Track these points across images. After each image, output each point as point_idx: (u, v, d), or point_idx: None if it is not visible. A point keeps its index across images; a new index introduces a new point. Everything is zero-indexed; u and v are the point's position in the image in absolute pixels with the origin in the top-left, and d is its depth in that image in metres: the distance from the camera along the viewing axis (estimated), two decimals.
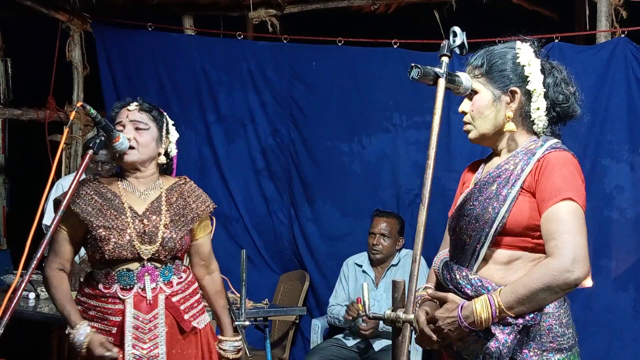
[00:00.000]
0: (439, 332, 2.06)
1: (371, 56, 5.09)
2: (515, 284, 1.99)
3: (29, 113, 5.79)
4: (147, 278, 2.67)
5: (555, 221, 1.99)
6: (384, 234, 4.58)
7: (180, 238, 2.72)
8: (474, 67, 2.18)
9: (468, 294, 2.07)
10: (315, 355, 4.43)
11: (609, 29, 4.57)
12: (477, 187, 2.16)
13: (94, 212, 2.67)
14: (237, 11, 5.53)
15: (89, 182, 2.77)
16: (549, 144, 2.11)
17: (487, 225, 2.08)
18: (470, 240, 2.11)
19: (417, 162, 4.98)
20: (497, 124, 2.15)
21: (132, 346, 2.63)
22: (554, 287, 1.95)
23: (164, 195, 2.76)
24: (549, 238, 1.99)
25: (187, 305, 2.76)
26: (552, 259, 1.97)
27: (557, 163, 2.05)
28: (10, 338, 2.24)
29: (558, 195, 2.00)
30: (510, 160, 2.13)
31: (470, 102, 2.18)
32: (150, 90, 5.37)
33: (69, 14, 5.64)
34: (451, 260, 2.19)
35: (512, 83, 2.14)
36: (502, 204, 2.06)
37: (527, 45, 2.19)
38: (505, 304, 1.97)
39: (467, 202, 2.16)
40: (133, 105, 2.75)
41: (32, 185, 3.59)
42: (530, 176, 2.07)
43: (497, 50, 2.19)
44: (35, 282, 4.49)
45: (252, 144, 5.38)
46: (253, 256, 5.28)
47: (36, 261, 2.14)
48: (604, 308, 4.35)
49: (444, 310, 2.06)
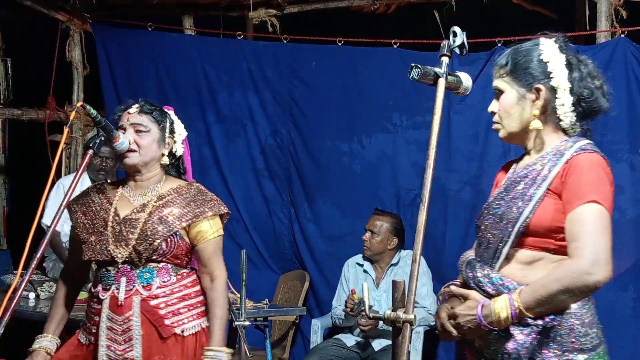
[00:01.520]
0: (459, 328, 2.08)
1: (371, 56, 5.09)
2: (534, 284, 1.99)
3: (29, 113, 5.79)
4: (123, 279, 2.65)
5: (578, 223, 1.97)
6: (372, 231, 4.58)
7: (154, 241, 2.64)
8: (500, 67, 2.18)
9: (489, 292, 2.07)
10: (315, 355, 4.43)
11: (609, 29, 4.57)
12: (505, 187, 2.16)
13: (81, 215, 2.74)
14: (237, 11, 5.53)
15: (93, 190, 2.82)
16: (578, 145, 2.08)
17: (510, 224, 2.07)
18: (494, 239, 2.11)
19: (417, 162, 4.98)
20: (524, 122, 2.14)
21: (106, 347, 2.64)
22: (573, 289, 1.94)
23: (155, 198, 2.73)
24: (572, 239, 1.98)
25: (170, 310, 2.68)
26: (572, 260, 1.96)
27: (584, 165, 2.03)
28: (10, 338, 2.24)
29: (583, 198, 1.98)
30: (538, 160, 2.12)
31: (498, 102, 2.18)
32: (150, 90, 5.37)
33: (69, 14, 5.64)
34: (475, 259, 2.19)
35: (537, 80, 2.12)
36: (526, 204, 2.06)
37: (552, 41, 2.16)
38: (525, 304, 1.97)
39: (494, 201, 2.16)
40: (134, 108, 2.75)
41: (32, 185, 3.59)
42: (557, 177, 2.05)
43: (522, 48, 2.17)
44: (35, 282, 4.50)
45: (252, 144, 5.38)
46: (253, 256, 5.28)
47: (36, 261, 2.14)
48: (604, 308, 4.33)
49: (465, 308, 2.07)
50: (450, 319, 2.10)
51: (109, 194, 2.78)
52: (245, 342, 3.61)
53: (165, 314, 2.67)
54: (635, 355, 4.30)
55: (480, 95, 4.70)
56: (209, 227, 2.76)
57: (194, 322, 2.73)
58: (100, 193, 2.79)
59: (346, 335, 4.58)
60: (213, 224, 2.78)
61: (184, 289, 2.74)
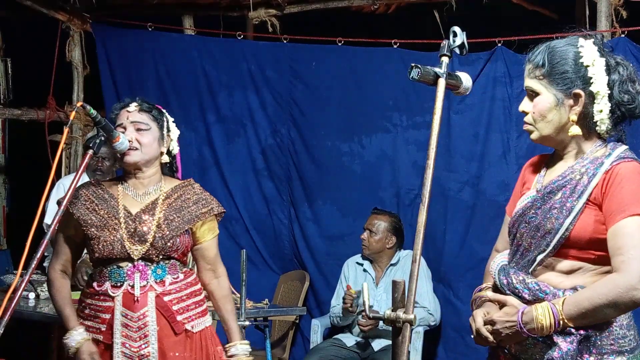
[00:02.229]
0: (496, 334, 2.05)
1: (371, 56, 5.09)
2: (579, 297, 1.96)
3: (29, 113, 5.79)
4: (137, 275, 2.66)
5: (622, 236, 1.94)
6: (371, 230, 4.59)
7: (171, 238, 2.69)
8: (535, 67, 2.09)
9: (525, 298, 2.05)
10: (315, 355, 4.43)
11: (609, 29, 4.57)
12: (541, 195, 2.10)
13: (88, 212, 2.70)
14: (237, 11, 5.53)
15: (89, 185, 2.80)
16: (616, 154, 2.03)
17: (549, 235, 2.04)
18: (532, 248, 2.08)
19: (417, 162, 4.98)
20: (560, 127, 2.08)
21: (121, 344, 2.63)
22: (620, 304, 1.92)
23: (163, 196, 2.75)
24: (617, 253, 1.94)
25: (181, 306, 2.72)
26: (618, 274, 1.93)
27: (625, 175, 1.98)
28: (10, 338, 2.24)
29: (627, 210, 1.95)
30: (576, 168, 2.07)
31: (531, 102, 2.11)
32: (150, 90, 5.37)
33: (69, 14, 5.64)
34: (509, 264, 2.16)
35: (576, 86, 2.05)
36: (566, 216, 2.02)
37: (591, 43, 2.08)
38: (568, 315, 1.95)
39: (530, 209, 2.11)
40: (133, 106, 2.75)
41: (32, 185, 3.59)
42: (597, 188, 2.01)
43: (558, 48, 2.08)
44: (35, 282, 4.49)
45: (252, 144, 5.38)
46: (253, 256, 5.28)
47: (36, 261, 2.13)
48: None
49: (503, 314, 2.05)
50: (486, 325, 2.08)
51: (110, 191, 2.77)
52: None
53: (177, 310, 2.71)
54: None
55: (480, 95, 4.70)
56: (214, 226, 2.84)
57: (201, 319, 2.79)
58: (100, 189, 2.77)
59: (346, 335, 4.58)
60: (211, 224, 2.85)
61: (190, 286, 2.79)
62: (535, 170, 2.24)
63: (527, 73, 2.13)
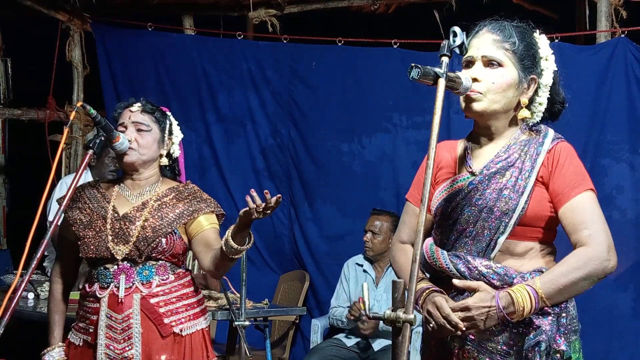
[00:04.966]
0: (469, 320, 2.02)
1: (371, 56, 5.09)
2: (552, 274, 1.99)
3: (29, 113, 5.79)
4: (122, 277, 2.64)
5: (583, 211, 2.01)
6: (374, 231, 4.58)
7: (155, 239, 2.65)
8: (504, 39, 2.13)
9: (494, 284, 2.05)
10: (315, 355, 4.43)
11: (609, 29, 4.57)
12: (485, 176, 2.11)
13: (79, 212, 2.71)
14: (237, 11, 5.54)
15: (86, 186, 2.80)
16: (552, 134, 2.12)
17: (506, 216, 2.06)
18: (487, 231, 2.08)
19: (417, 162, 4.96)
20: (511, 106, 2.13)
21: (104, 345, 2.62)
22: (594, 275, 1.97)
23: (155, 197, 2.73)
24: (580, 228, 2.00)
25: (169, 308, 2.68)
26: (589, 247, 1.98)
27: (568, 154, 2.07)
28: (10, 338, 2.24)
29: (580, 186, 2.03)
30: (513, 149, 2.11)
31: (489, 70, 2.11)
32: (150, 90, 5.37)
33: (69, 14, 5.64)
34: (457, 251, 2.12)
35: (534, 71, 2.12)
36: (520, 194, 2.06)
37: (545, 38, 2.18)
38: (546, 294, 1.98)
39: (473, 192, 2.11)
40: (136, 107, 2.74)
41: (32, 185, 3.59)
42: (543, 167, 2.07)
43: (526, 31, 2.17)
44: (35, 282, 4.50)
45: (252, 144, 5.39)
46: (253, 256, 5.28)
47: (36, 261, 2.13)
48: (603, 308, 4.35)
49: (478, 300, 2.02)
50: (456, 312, 2.03)
51: (105, 191, 2.77)
52: (245, 342, 3.61)
53: (165, 312, 2.67)
54: (635, 356, 4.30)
55: None
56: (204, 220, 2.74)
57: (191, 322, 2.73)
58: (95, 190, 2.77)
59: (346, 336, 4.58)
60: (208, 217, 2.76)
61: (181, 288, 2.74)
62: (451, 156, 2.25)
63: (489, 42, 2.14)
